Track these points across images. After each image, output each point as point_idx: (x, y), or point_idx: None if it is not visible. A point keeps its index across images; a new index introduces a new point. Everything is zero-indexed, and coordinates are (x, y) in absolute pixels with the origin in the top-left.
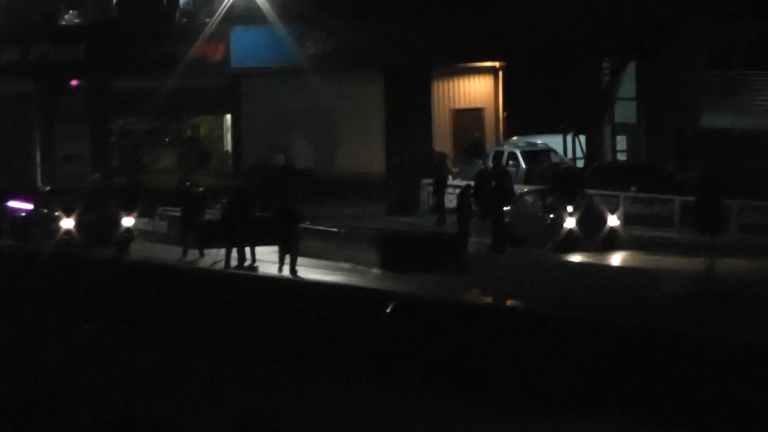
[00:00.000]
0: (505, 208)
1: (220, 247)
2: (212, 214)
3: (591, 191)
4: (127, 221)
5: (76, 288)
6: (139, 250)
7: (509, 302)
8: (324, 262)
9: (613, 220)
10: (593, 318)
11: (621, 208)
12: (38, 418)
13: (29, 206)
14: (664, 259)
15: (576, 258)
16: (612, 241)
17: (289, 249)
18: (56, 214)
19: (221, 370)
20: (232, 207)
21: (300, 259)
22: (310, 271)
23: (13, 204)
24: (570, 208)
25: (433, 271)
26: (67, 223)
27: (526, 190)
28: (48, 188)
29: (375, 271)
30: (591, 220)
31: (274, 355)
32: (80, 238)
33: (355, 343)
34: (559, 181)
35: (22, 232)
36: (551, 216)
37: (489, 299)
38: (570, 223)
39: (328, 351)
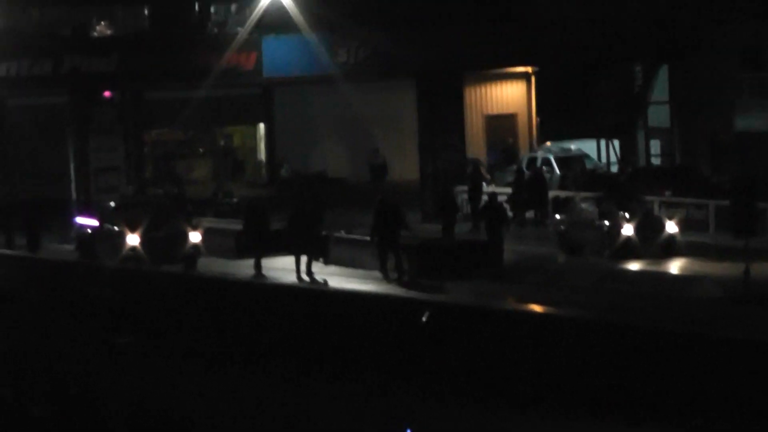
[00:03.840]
0: (558, 216)
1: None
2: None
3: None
4: (194, 236)
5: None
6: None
7: (539, 307)
8: (358, 271)
9: (671, 227)
10: (617, 321)
11: (680, 215)
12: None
13: (95, 223)
14: (700, 263)
15: (632, 265)
16: (671, 247)
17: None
18: (121, 230)
19: (253, 380)
20: (293, 218)
21: (332, 268)
22: (343, 280)
23: (80, 220)
24: (627, 215)
25: (469, 278)
26: (133, 240)
27: (580, 197)
28: (113, 204)
29: (409, 278)
30: (649, 226)
31: (308, 365)
32: (146, 255)
33: (389, 352)
34: (612, 188)
35: (88, 249)
36: (607, 223)
37: (520, 305)
38: (627, 230)
39: (362, 360)
